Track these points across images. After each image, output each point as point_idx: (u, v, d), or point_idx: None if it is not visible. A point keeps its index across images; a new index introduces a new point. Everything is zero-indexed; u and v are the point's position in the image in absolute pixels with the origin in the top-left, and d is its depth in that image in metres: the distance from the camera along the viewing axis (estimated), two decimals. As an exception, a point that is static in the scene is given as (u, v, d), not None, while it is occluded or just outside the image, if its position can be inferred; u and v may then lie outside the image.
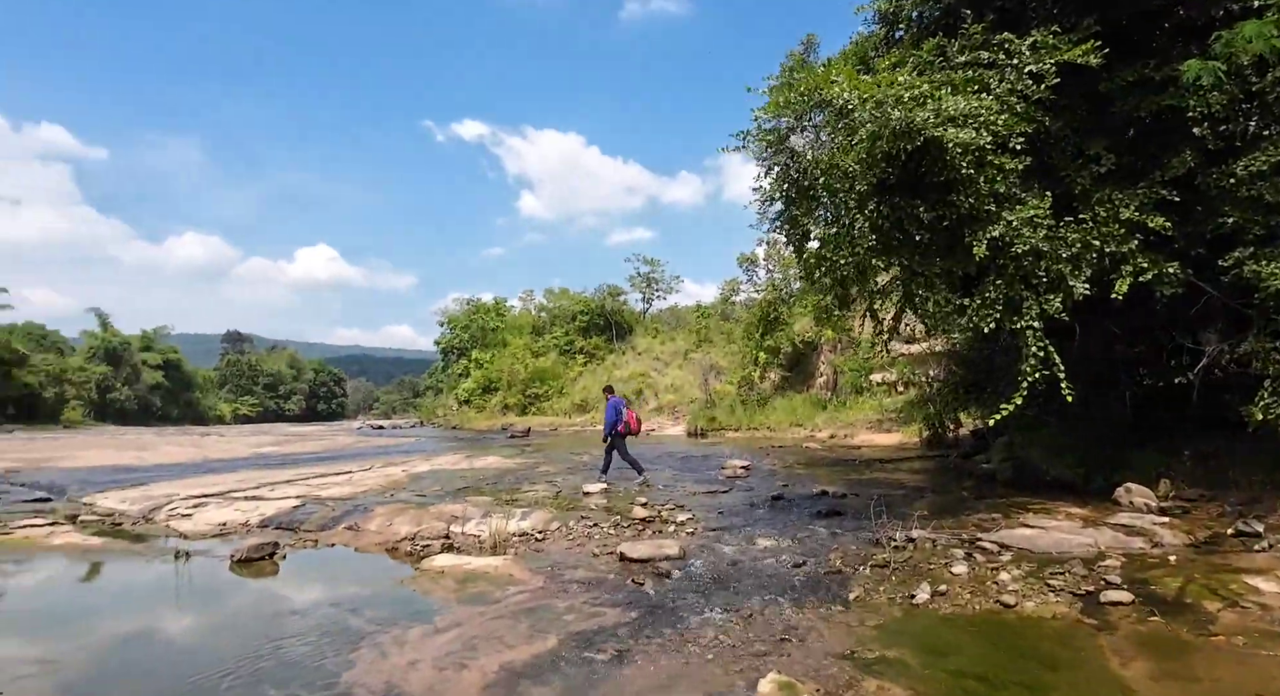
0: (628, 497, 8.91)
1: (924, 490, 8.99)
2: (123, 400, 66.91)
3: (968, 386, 12.61)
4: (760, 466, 12.53)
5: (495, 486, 10.72)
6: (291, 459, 18.94)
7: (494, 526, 6.97)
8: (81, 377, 62.62)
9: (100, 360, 66.18)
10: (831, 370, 25.42)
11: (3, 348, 53.27)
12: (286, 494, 10.66)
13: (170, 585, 6.03)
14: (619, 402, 10.92)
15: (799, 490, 9.32)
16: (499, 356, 50.75)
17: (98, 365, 65.25)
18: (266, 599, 5.47)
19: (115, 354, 67.88)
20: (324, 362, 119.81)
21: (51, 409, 56.92)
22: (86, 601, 5.67)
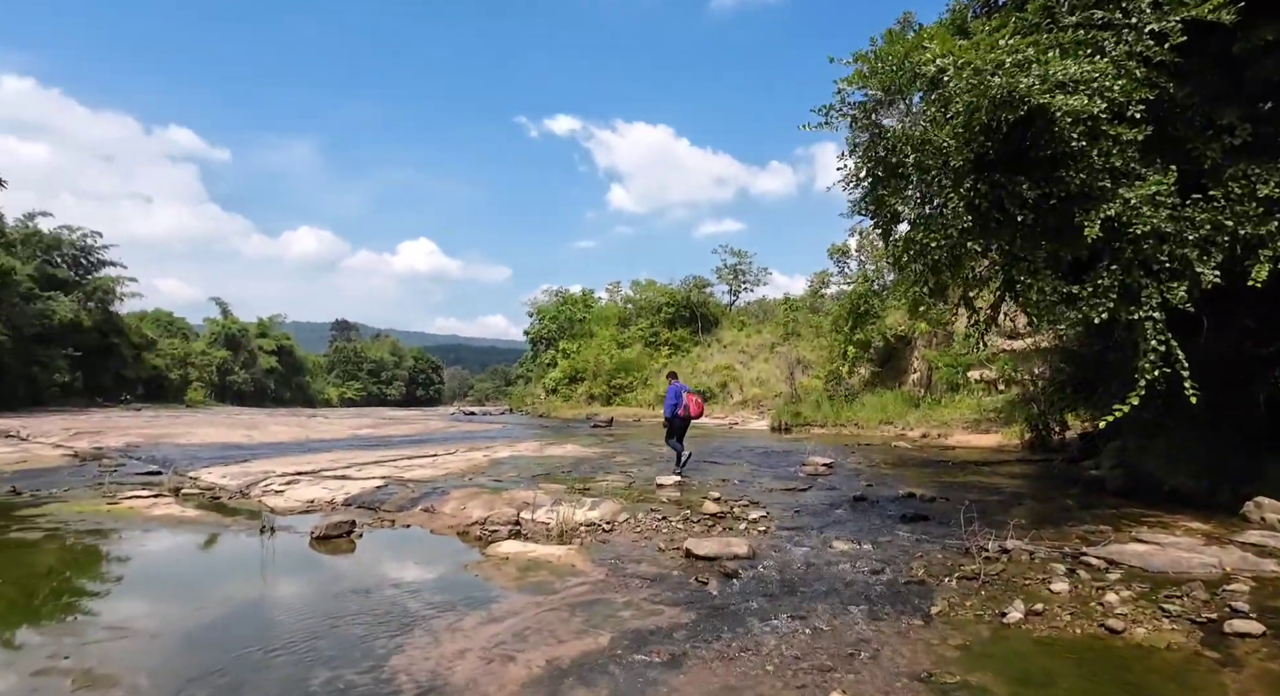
0: (700, 492, 8.65)
1: (1023, 496, 8.29)
2: (240, 382, 71.61)
3: (1076, 385, 11.63)
4: (844, 464, 11.98)
5: (570, 474, 10.68)
6: (385, 441, 19.64)
7: (562, 515, 6.87)
8: (204, 361, 67.35)
9: (221, 345, 71.01)
10: (925, 366, 24.23)
11: (135, 333, 57.88)
12: (372, 474, 10.97)
13: (250, 559, 6.24)
14: (679, 388, 10.80)
15: (883, 491, 8.80)
16: (585, 347, 51.31)
17: (218, 350, 70.03)
18: (335, 576, 5.54)
19: (234, 339, 72.72)
20: (422, 351, 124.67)
21: (177, 389, 61.49)
22: (168, 571, 5.91)
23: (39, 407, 35.86)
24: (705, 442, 17.28)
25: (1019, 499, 8.09)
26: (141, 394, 55.89)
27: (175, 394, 60.63)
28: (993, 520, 6.41)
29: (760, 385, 38.13)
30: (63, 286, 46.84)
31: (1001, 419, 18.57)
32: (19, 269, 38.43)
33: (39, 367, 40.01)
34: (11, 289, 35.98)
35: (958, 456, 13.13)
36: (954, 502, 7.78)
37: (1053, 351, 13.30)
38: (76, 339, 46.02)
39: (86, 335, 48.28)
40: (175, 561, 6.20)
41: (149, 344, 60.31)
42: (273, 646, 3.87)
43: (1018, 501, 7.92)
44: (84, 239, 51.57)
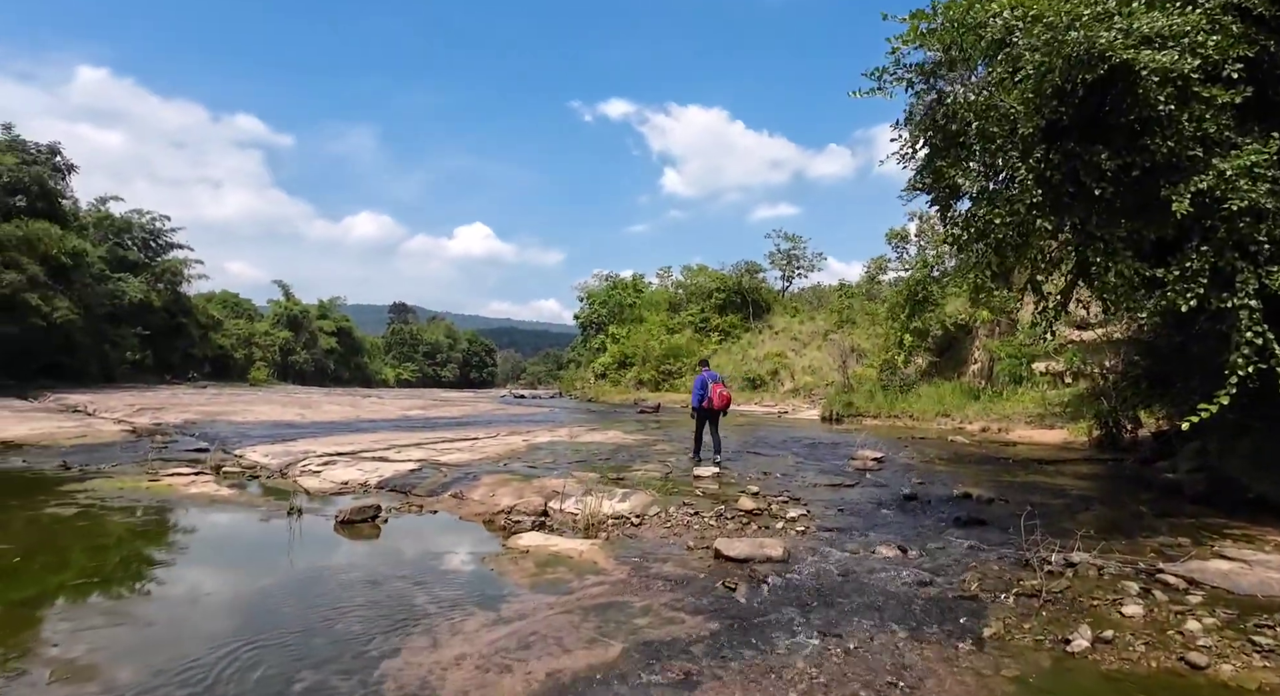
0: (739, 485, 8.24)
1: (1090, 501, 7.61)
2: (301, 362, 73.96)
3: (1152, 379, 10.74)
4: (895, 459, 11.38)
5: (607, 462, 10.40)
6: (431, 423, 19.76)
7: (589, 507, 6.56)
8: (267, 341, 69.70)
9: (283, 326, 73.36)
10: (987, 356, 23.14)
11: (201, 313, 60.25)
12: (410, 457, 10.90)
13: (270, 542, 6.12)
14: (707, 377, 10.54)
15: (936, 490, 8.22)
16: (634, 332, 51.10)
17: (281, 330, 72.35)
18: (349, 565, 5.35)
19: (296, 320, 75.05)
20: (476, 334, 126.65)
21: (241, 368, 63.85)
22: (184, 553, 5.82)
23: (110, 384, 37.53)
24: (750, 431, 16.80)
25: (1086, 503, 7.42)
26: (208, 372, 58.26)
27: (239, 372, 63.05)
28: (1057, 527, 5.83)
29: (812, 373, 37.29)
30: (133, 268, 48.87)
31: (1068, 414, 17.55)
32: (90, 251, 40.12)
33: (110, 346, 41.88)
34: (83, 270, 37.58)
35: (1019, 453, 12.35)
36: (1014, 505, 7.19)
37: (1127, 342, 12.37)
38: (146, 319, 48.09)
39: (156, 315, 50.40)
40: (194, 543, 6.12)
41: (215, 324, 62.81)
42: (264, 641, 3.66)
43: (1085, 506, 7.26)
44: (153, 222, 53.71)
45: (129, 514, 6.89)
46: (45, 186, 36.80)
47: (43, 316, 31.29)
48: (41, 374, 33.51)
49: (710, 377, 10.57)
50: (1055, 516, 6.55)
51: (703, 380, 10.54)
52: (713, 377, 10.60)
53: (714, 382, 10.47)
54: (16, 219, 33.02)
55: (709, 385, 10.39)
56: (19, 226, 32.18)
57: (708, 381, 10.46)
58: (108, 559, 5.43)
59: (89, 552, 5.53)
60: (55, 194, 38.24)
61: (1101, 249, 5.43)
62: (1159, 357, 10.69)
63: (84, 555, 5.44)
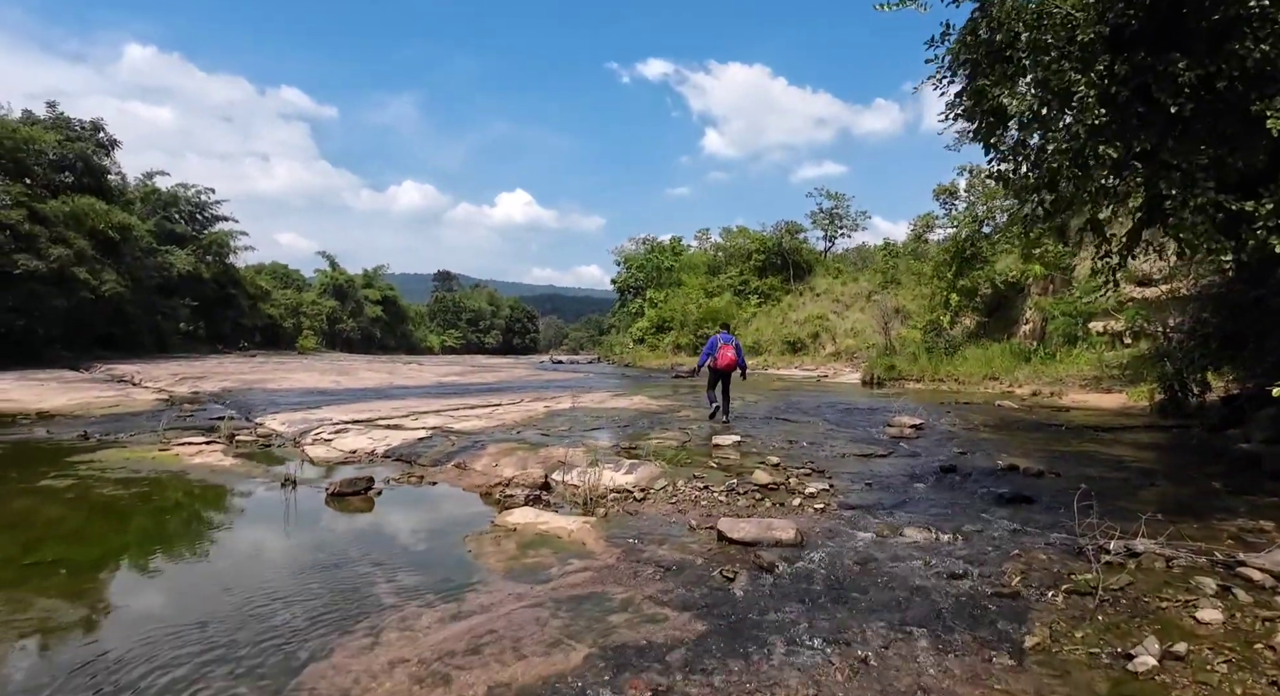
0: (761, 455, 7.63)
1: (1154, 475, 6.75)
2: (349, 330, 75.35)
3: (1224, 338, 9.73)
4: (936, 426, 10.60)
5: (626, 430, 9.90)
6: (463, 389, 19.59)
7: (590, 481, 6.04)
8: (314, 310, 71.02)
9: (330, 295, 74.63)
10: (1039, 316, 21.84)
11: (250, 284, 61.60)
12: (425, 424, 10.58)
13: (250, 516, 5.79)
14: (719, 339, 10.73)
15: (979, 462, 7.47)
16: (673, 296, 50.32)
17: (328, 300, 73.61)
18: (321, 542, 4.94)
19: (342, 290, 76.29)
20: (519, 300, 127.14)
21: (290, 337, 65.34)
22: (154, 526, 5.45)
23: (163, 354, 38.58)
24: (784, 396, 16.11)
25: (1149, 478, 6.59)
26: (258, 341, 59.81)
27: (288, 341, 64.59)
28: (1116, 507, 5.09)
29: (854, 336, 36.16)
30: (180, 241, 49.94)
31: (1126, 377, 16.38)
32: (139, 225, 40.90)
33: (161, 317, 42.91)
34: (131, 244, 38.31)
35: (1073, 420, 11.42)
36: (1066, 480, 6.42)
37: (1195, 298, 11.27)
38: (197, 290, 49.29)
39: (206, 286, 51.62)
40: (170, 519, 5.76)
41: (264, 294, 64.27)
42: (184, 639, 3.22)
43: (1148, 481, 6.43)
44: (198, 195, 54.73)
45: (121, 486, 6.61)
46: (90, 162, 37.46)
47: (91, 290, 31.98)
48: (97, 345, 34.53)
49: (723, 339, 10.69)
50: (1114, 493, 5.78)
51: (714, 341, 10.77)
52: (725, 339, 10.69)
53: (724, 344, 10.58)
54: (63, 195, 33.68)
55: (719, 345, 10.60)
56: (65, 202, 32.81)
57: (718, 342, 10.66)
58: (58, 533, 5.11)
59: (46, 526, 5.22)
60: (101, 170, 38.92)
61: (1178, 180, 4.55)
62: (1233, 313, 9.66)
63: (39, 530, 5.13)
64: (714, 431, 9.34)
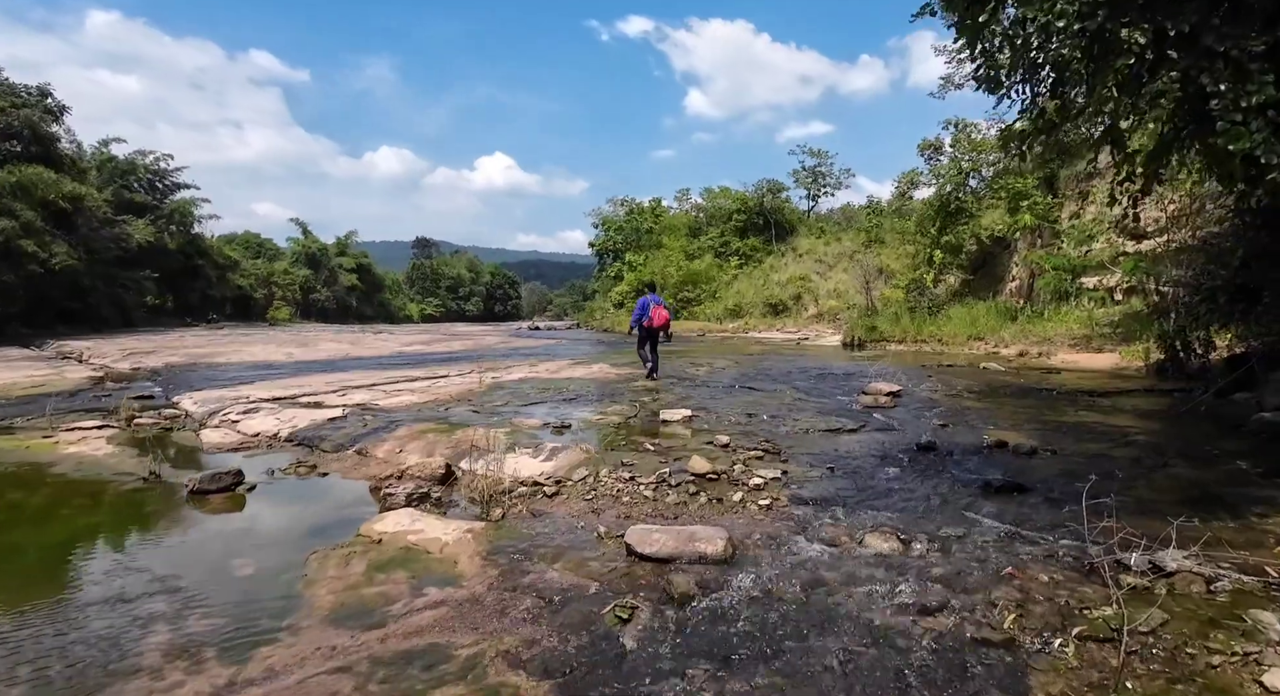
0: (712, 432, 6.58)
1: (1165, 451, 5.72)
2: (323, 300, 73.74)
3: (1233, 292, 8.72)
4: (915, 392, 9.59)
5: (571, 403, 8.83)
6: (420, 358, 18.58)
7: (497, 470, 4.98)
8: (286, 280, 69.19)
9: (302, 264, 72.71)
10: (1026, 272, 20.87)
11: (218, 253, 59.73)
12: (350, 401, 9.52)
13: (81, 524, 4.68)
14: (650, 300, 11.09)
15: (962, 437, 6.44)
16: (652, 259, 48.98)
17: (300, 269, 71.73)
18: (125, 563, 3.85)
19: (315, 259, 74.41)
20: (499, 267, 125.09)
21: (262, 308, 63.72)
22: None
23: (128, 328, 37.11)
24: (756, 362, 15.08)
25: (1161, 456, 5.57)
26: (229, 313, 58.21)
27: (260, 312, 63.02)
28: (1130, 498, 4.09)
29: (837, 297, 35.18)
30: (140, 210, 47.89)
31: (1118, 335, 15.46)
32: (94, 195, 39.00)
33: (123, 290, 41.15)
34: (86, 214, 36.51)
35: (1064, 383, 10.46)
36: (1064, 460, 5.42)
37: (1200, 248, 10.25)
38: (161, 262, 47.48)
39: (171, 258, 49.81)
40: None
41: (233, 265, 62.45)
42: None
43: (1160, 460, 5.42)
44: (157, 163, 52.45)
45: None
46: (38, 130, 35.41)
47: (40, 263, 30.35)
48: (59, 322, 33.11)
49: (653, 300, 11.09)
50: (1124, 476, 4.77)
51: (644, 302, 11.06)
52: (655, 300, 11.10)
53: (655, 305, 10.99)
54: (9, 165, 31.84)
55: (650, 306, 10.93)
56: (12, 173, 31.00)
57: (649, 303, 11.00)
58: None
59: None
60: (50, 137, 36.83)
61: (1225, 73, 3.44)
62: (1245, 264, 8.64)
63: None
64: (664, 405, 8.30)
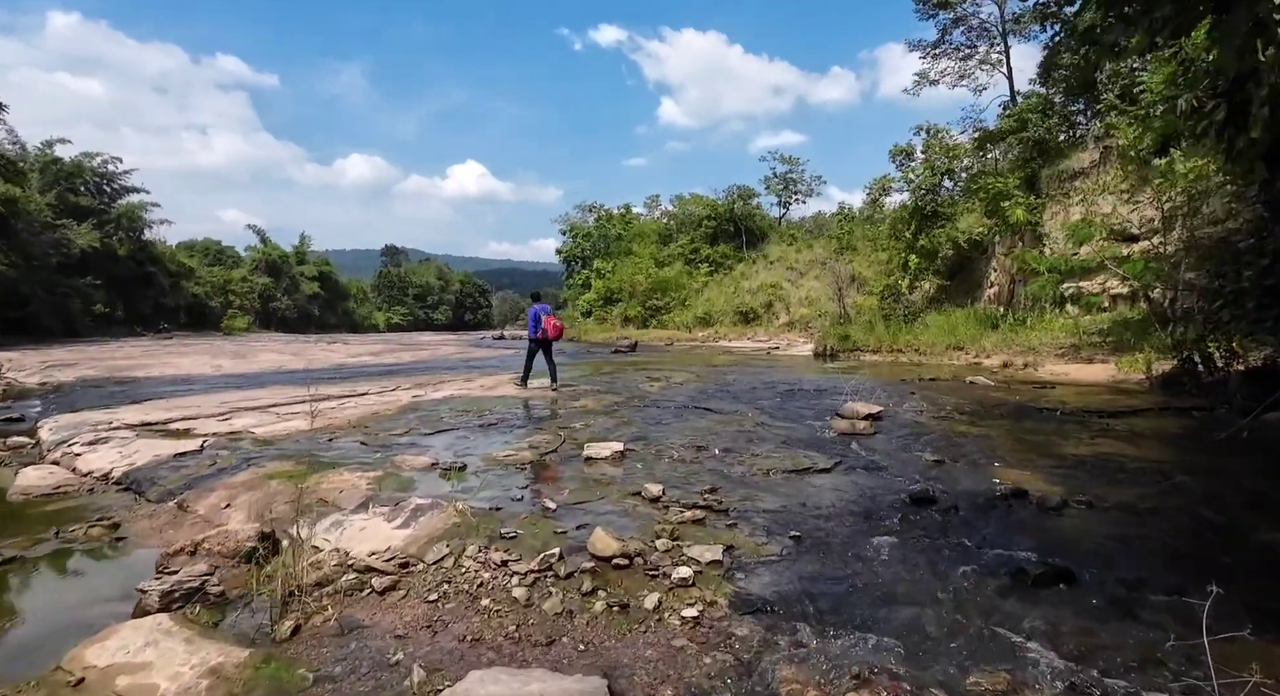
0: (648, 471, 5.09)
1: (1225, 500, 4.33)
2: (284, 309, 71.29)
3: (1261, 295, 7.47)
4: (898, 414, 8.19)
5: (489, 429, 7.30)
6: (357, 371, 17.05)
7: (301, 561, 3.43)
8: (244, 288, 66.66)
9: (262, 272, 70.21)
10: (1006, 277, 19.72)
11: (171, 261, 57.27)
12: (226, 428, 7.99)
13: None
14: (540, 311, 11.12)
15: (965, 481, 5.00)
16: (621, 266, 47.48)
17: (259, 276, 69.24)
18: None
19: (276, 266, 71.92)
20: (468, 275, 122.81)
21: (218, 317, 61.20)
22: None
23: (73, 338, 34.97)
24: (720, 375, 13.64)
25: (1223, 507, 4.18)
26: (184, 322, 55.82)
27: (216, 321, 60.54)
28: (1234, 597, 2.67)
29: (809, 305, 33.99)
30: (85, 214, 45.54)
31: (1108, 345, 14.29)
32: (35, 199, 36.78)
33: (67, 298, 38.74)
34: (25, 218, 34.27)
35: (1064, 400, 9.13)
36: (1105, 516, 4.02)
37: (1214, 247, 9.02)
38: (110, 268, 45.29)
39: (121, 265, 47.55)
40: None
41: (187, 272, 60.03)
42: None
43: (1226, 515, 4.03)
44: (105, 165, 50.15)
45: None
46: (-31, 132, 33.20)
47: (-34, 270, 28.22)
48: (1, 332, 31.01)
49: (543, 311, 11.11)
50: (1201, 553, 3.38)
51: (536, 313, 11.04)
52: (545, 311, 11.14)
53: (546, 315, 11.00)
54: (-62, 169, 29.68)
55: (542, 318, 10.92)
56: (-61, 176, 28.85)
57: (540, 314, 11.00)
58: None
59: None
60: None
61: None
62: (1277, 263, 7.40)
63: None
64: (595, 433, 6.78)
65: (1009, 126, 19.98)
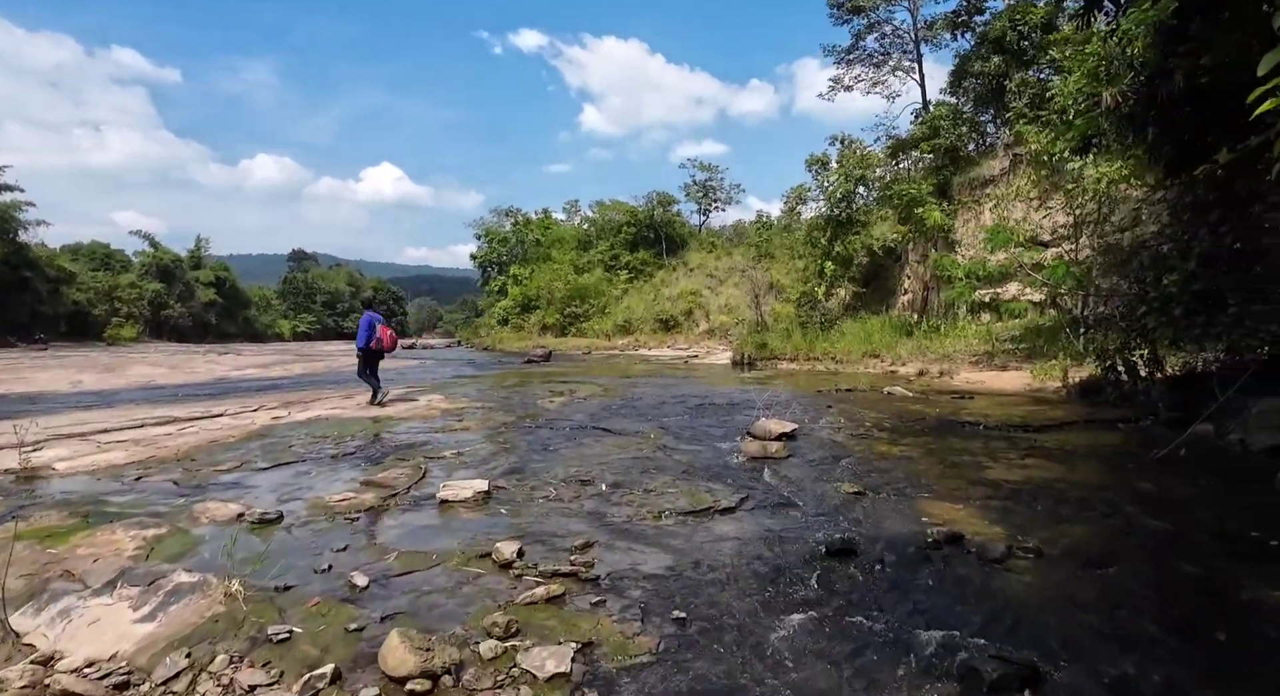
0: (514, 518, 4.11)
1: (1194, 541, 3.69)
2: (177, 317, 66.74)
3: (1189, 300, 7.12)
4: (815, 431, 7.47)
5: (338, 462, 6.15)
6: (233, 386, 15.44)
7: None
8: (132, 295, 61.91)
9: (153, 277, 65.48)
10: (919, 285, 19.69)
11: (49, 265, 52.62)
12: (19, 464, 6.46)
13: None
14: (374, 319, 10.30)
15: (891, 521, 4.21)
16: (539, 272, 46.18)
17: (150, 282, 64.54)
18: None
19: (168, 271, 67.23)
20: (382, 281, 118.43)
21: (101, 326, 56.58)
22: None
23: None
24: (631, 387, 12.76)
25: (1198, 555, 3.52)
26: (65, 331, 51.43)
27: (99, 330, 55.93)
28: None
29: (729, 312, 33.71)
30: (-52, 216, 41.25)
31: (1021, 352, 14.20)
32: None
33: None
34: None
35: (986, 413, 8.65)
36: (1058, 569, 3.28)
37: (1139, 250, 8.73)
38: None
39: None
40: None
41: (68, 277, 55.29)
42: None
43: (1206, 569, 3.36)
44: (-31, 161, 45.44)
45: None
46: None
47: None
48: None
49: (376, 319, 10.30)
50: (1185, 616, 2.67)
51: (370, 321, 10.21)
52: (378, 319, 10.34)
53: (380, 325, 10.23)
54: None
55: (376, 327, 10.13)
56: None
57: (375, 323, 10.20)
58: None
59: None
60: None
61: None
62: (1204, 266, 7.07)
63: None
64: (462, 466, 5.74)
65: (921, 133, 20.00)
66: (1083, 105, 7.95)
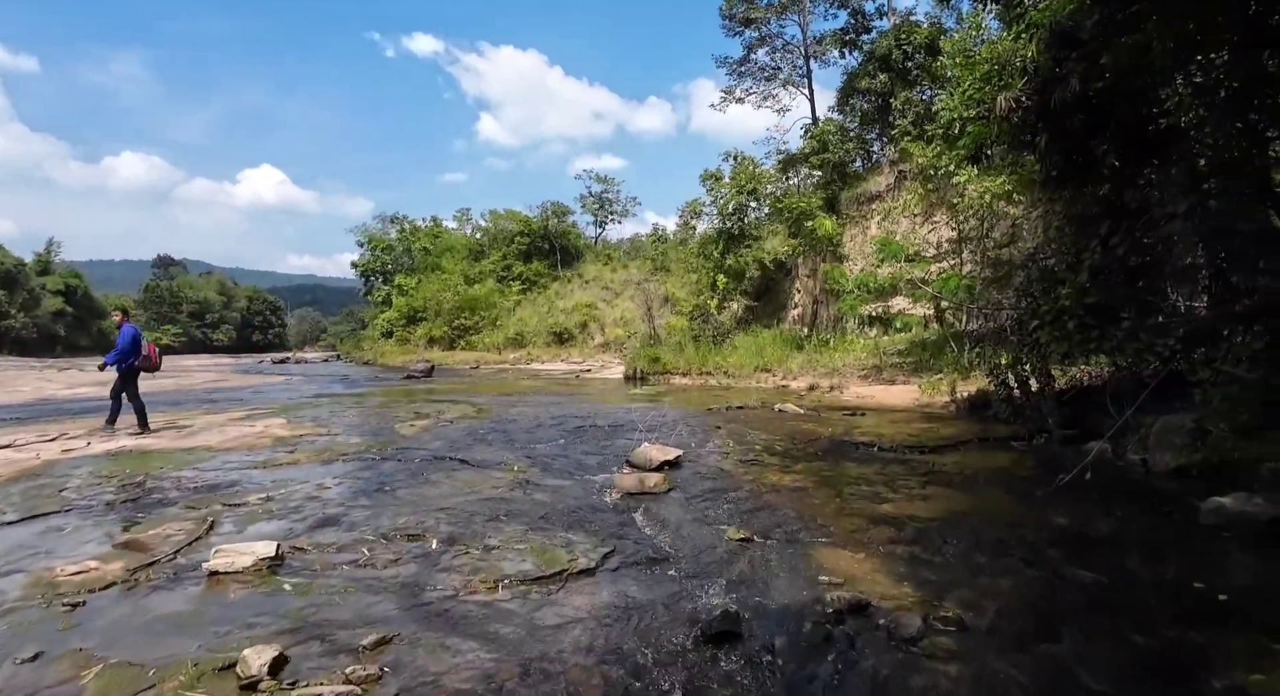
0: (276, 621, 3.08)
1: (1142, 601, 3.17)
2: (19, 328, 59.87)
3: (1083, 314, 6.89)
4: (701, 456, 6.74)
5: (123, 506, 4.85)
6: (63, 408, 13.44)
7: None
8: (-36, 304, 54.95)
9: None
10: (809, 298, 19.66)
11: None
12: None
13: None
14: (135, 331, 9.04)
15: (781, 581, 3.44)
16: (427, 282, 44.03)
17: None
18: None
19: (11, 278, 60.22)
20: (258, 290, 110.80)
21: (-76, 339, 49.72)
22: None
23: None
24: (511, 405, 11.71)
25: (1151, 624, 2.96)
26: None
27: (-71, 342, 49.09)
28: None
29: (624, 325, 33.04)
30: None
31: (908, 366, 14.17)
32: None
33: None
34: None
35: (879, 432, 8.22)
36: (993, 654, 2.60)
37: (1026, 263, 8.56)
38: None
39: None
40: None
41: (-119, 284, 48.32)
42: None
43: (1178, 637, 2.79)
44: None
45: None
46: None
47: None
48: None
49: (137, 332, 9.13)
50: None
51: (136, 333, 9.04)
52: (138, 332, 9.16)
53: (147, 342, 9.20)
54: None
55: (142, 341, 9.07)
56: None
57: (141, 336, 9.12)
58: None
59: None
60: None
61: None
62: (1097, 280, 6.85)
63: None
64: (269, 516, 4.60)
65: (811, 148, 20.06)
66: (973, 112, 7.73)
